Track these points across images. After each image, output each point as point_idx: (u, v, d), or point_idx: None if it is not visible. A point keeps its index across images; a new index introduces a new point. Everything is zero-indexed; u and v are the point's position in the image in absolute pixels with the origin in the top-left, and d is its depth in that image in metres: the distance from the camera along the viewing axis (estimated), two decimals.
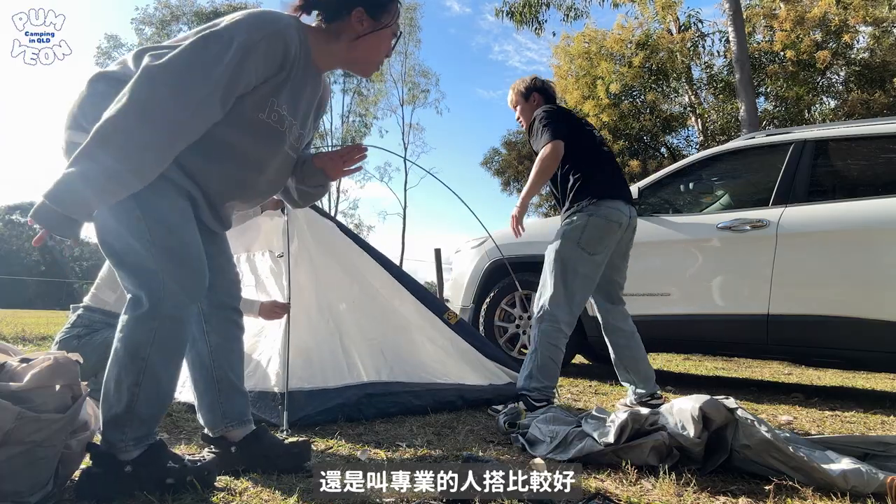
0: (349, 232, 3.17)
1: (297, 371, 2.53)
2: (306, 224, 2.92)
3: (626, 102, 14.55)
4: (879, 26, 12.22)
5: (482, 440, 2.27)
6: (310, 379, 2.56)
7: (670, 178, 4.23)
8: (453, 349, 3.22)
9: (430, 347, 3.16)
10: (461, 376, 3.08)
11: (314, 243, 2.92)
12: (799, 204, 3.59)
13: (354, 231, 3.37)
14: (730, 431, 1.84)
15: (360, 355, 2.81)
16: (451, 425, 2.51)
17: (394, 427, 2.45)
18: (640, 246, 4.04)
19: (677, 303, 3.84)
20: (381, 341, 2.95)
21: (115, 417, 1.48)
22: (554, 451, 1.99)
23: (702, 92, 14.59)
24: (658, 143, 16.06)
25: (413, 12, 27.25)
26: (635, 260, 4.08)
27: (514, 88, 3.23)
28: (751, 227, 3.63)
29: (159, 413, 1.55)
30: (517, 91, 3.21)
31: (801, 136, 3.83)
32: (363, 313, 3.00)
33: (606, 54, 14.32)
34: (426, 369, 3.01)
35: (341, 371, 2.69)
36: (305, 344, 2.65)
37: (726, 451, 1.84)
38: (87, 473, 1.48)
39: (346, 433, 2.28)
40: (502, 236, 4.75)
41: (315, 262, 2.90)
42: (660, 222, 4.01)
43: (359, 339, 2.87)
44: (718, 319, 3.72)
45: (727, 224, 3.72)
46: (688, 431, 1.84)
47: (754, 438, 1.78)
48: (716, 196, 4.35)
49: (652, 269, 3.97)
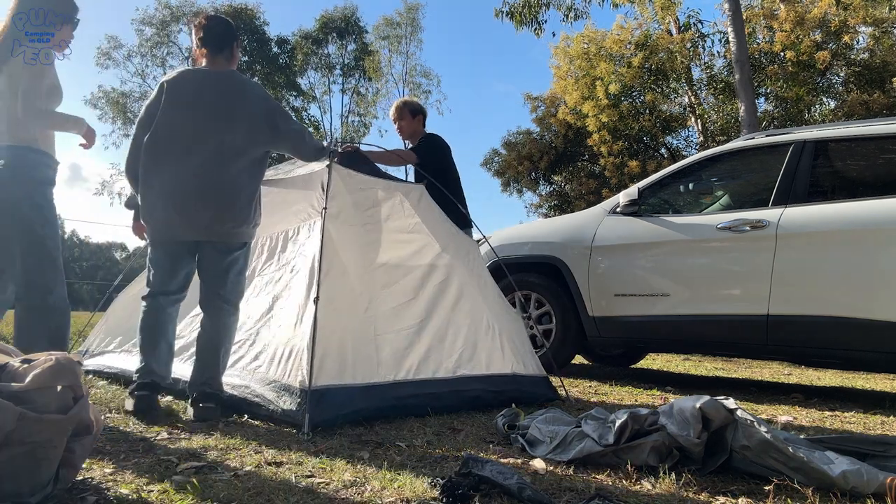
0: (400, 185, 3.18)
1: (325, 365, 2.42)
2: (346, 188, 2.85)
3: (626, 103, 14.54)
4: (879, 27, 12.21)
5: (482, 440, 2.28)
6: (337, 374, 2.45)
7: (670, 179, 4.24)
8: (490, 324, 3.14)
9: (468, 328, 3.04)
10: (489, 363, 3.02)
11: (353, 219, 2.86)
12: (799, 204, 3.60)
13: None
14: (729, 432, 1.84)
15: (393, 349, 2.71)
16: (451, 425, 2.52)
17: (394, 427, 2.45)
18: (640, 246, 4.06)
19: (677, 303, 3.84)
20: (418, 328, 2.85)
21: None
22: (554, 452, 1.99)
23: (701, 92, 14.58)
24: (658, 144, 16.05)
25: (415, 13, 27.24)
26: (635, 260, 4.10)
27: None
28: (750, 227, 3.64)
29: None
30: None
31: (800, 136, 3.83)
32: (406, 293, 2.91)
33: (606, 55, 14.31)
34: (455, 358, 2.92)
35: (371, 366, 2.59)
36: (336, 336, 2.53)
37: (726, 452, 1.84)
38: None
39: (346, 433, 2.28)
40: (502, 237, 4.76)
41: (356, 240, 2.84)
42: (659, 223, 4.01)
43: (395, 328, 2.77)
44: (718, 320, 3.72)
45: (727, 224, 3.72)
46: (687, 432, 1.84)
47: (754, 439, 1.79)
48: (715, 196, 4.35)
49: (651, 270, 3.97)
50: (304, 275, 2.80)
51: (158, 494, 1.54)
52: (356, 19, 29.08)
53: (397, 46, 27.54)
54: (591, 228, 4.24)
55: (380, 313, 2.78)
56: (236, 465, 1.83)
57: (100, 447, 1.96)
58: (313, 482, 1.67)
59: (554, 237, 4.45)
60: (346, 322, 2.62)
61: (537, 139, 17.46)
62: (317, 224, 2.88)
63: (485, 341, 3.07)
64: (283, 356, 2.58)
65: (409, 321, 2.86)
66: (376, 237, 2.98)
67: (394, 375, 2.65)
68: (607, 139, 14.53)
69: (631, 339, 4.19)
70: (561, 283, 4.31)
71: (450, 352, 2.91)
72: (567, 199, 17.40)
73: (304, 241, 3.04)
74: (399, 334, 2.79)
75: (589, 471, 1.86)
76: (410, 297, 2.94)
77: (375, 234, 2.99)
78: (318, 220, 2.86)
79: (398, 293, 2.91)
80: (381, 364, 2.64)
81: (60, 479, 1.47)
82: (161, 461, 1.84)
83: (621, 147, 14.89)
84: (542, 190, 18.43)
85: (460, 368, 2.90)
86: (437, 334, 2.91)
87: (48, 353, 1.52)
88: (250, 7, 27.63)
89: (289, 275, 2.98)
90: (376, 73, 27.36)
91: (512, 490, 1.54)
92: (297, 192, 3.12)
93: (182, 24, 27.26)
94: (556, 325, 4.30)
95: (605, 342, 4.33)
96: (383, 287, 2.87)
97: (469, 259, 3.33)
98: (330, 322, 2.52)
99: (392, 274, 2.95)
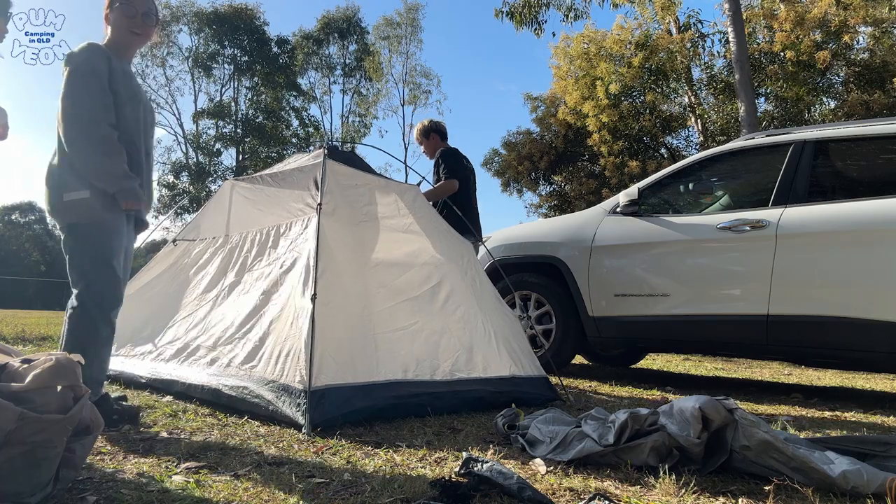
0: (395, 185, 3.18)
1: (324, 364, 2.40)
2: (340, 185, 2.83)
3: (626, 103, 14.54)
4: (879, 27, 12.21)
5: (482, 440, 2.28)
6: (337, 374, 2.43)
7: (670, 179, 4.24)
8: (486, 328, 3.14)
9: (462, 332, 3.03)
10: (485, 366, 3.01)
11: (349, 216, 2.84)
12: (799, 204, 3.59)
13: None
14: (729, 432, 1.84)
15: (391, 348, 2.70)
16: (451, 425, 2.52)
17: (394, 427, 2.45)
18: (640, 246, 4.06)
19: (677, 303, 3.84)
20: (413, 329, 2.85)
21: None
22: (554, 452, 1.99)
23: (702, 92, 14.58)
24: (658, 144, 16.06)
25: (415, 13, 27.25)
26: (634, 260, 4.10)
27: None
28: (750, 227, 3.63)
29: None
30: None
31: (800, 136, 3.83)
32: (399, 294, 2.90)
33: (606, 55, 14.31)
34: (451, 362, 2.91)
35: (369, 366, 2.58)
36: (334, 335, 2.52)
37: (726, 452, 1.84)
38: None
39: (346, 433, 2.28)
40: (502, 237, 4.76)
41: (351, 238, 2.83)
42: (659, 223, 4.01)
43: (391, 328, 2.76)
44: (718, 320, 3.72)
45: (727, 224, 3.72)
46: (687, 432, 1.84)
47: (754, 439, 1.79)
48: (715, 196, 4.35)
49: (651, 270, 3.97)
50: (297, 271, 2.78)
51: (158, 494, 1.54)
52: (357, 20, 29.12)
53: (397, 46, 27.58)
54: (591, 228, 4.24)
55: (376, 312, 2.77)
56: (236, 465, 1.83)
57: (100, 447, 1.96)
58: (313, 482, 1.67)
59: (554, 237, 4.45)
60: (344, 321, 2.61)
61: (537, 139, 17.47)
62: (311, 220, 2.87)
63: (481, 346, 3.07)
64: (279, 355, 2.56)
65: (403, 322, 2.85)
66: (372, 235, 2.98)
67: (392, 375, 2.64)
68: (607, 139, 14.53)
69: (631, 339, 4.19)
70: (561, 283, 4.31)
71: (445, 356, 2.90)
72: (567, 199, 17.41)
73: (296, 237, 3.01)
74: (395, 334, 2.78)
75: (589, 471, 1.86)
76: (405, 297, 2.93)
77: (371, 232, 2.98)
78: (312, 217, 2.85)
79: (394, 293, 2.90)
80: (380, 363, 2.63)
81: (60, 480, 1.47)
82: (161, 461, 1.84)
83: (621, 147, 14.90)
84: (542, 190, 18.45)
85: (457, 372, 2.89)
86: (431, 337, 2.90)
87: (48, 353, 1.52)
88: (250, 7, 27.65)
89: (279, 270, 2.96)
90: (377, 73, 27.38)
91: (512, 490, 1.54)
92: (290, 187, 3.11)
93: (182, 24, 27.27)
94: (556, 326, 4.30)
95: (605, 342, 4.33)
96: (379, 286, 2.86)
97: (464, 262, 3.33)
98: (328, 321, 2.51)
99: (387, 273, 2.94)
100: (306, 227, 2.95)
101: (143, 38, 2.47)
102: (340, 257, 2.75)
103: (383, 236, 3.02)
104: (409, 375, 2.70)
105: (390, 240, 3.04)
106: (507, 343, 3.21)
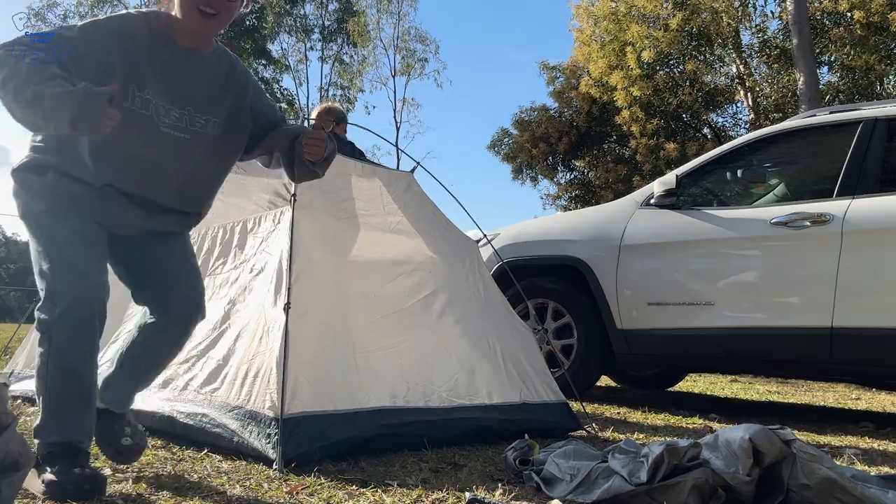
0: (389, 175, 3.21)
1: (299, 387, 2.38)
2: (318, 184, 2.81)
3: (662, 73, 14.57)
4: None
5: (489, 478, 2.28)
6: (314, 399, 2.41)
7: (714, 165, 4.24)
8: (491, 345, 3.15)
9: (462, 350, 3.03)
10: (490, 390, 3.00)
11: (327, 211, 2.84)
12: (869, 195, 3.60)
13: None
14: (786, 468, 1.84)
15: (375, 370, 2.69)
16: (452, 460, 2.52)
17: (383, 462, 2.45)
18: (679, 245, 4.07)
19: (722, 314, 3.84)
20: (402, 348, 2.84)
21: None
22: (575, 492, 1.99)
23: (752, 61, 14.62)
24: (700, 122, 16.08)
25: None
26: (672, 262, 4.10)
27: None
28: (811, 222, 3.64)
29: None
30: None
31: (871, 113, 3.84)
32: (385, 307, 2.89)
33: (638, 15, 14.33)
34: (451, 385, 2.91)
35: (351, 390, 2.56)
36: (311, 353, 2.50)
37: (782, 492, 1.84)
38: None
39: (326, 469, 2.28)
40: (513, 235, 4.76)
41: (331, 237, 2.83)
42: (702, 217, 4.02)
43: (375, 346, 2.76)
44: (771, 334, 3.72)
45: (782, 219, 3.72)
46: (735, 468, 1.84)
47: (815, 476, 1.79)
48: (769, 186, 4.36)
49: (692, 274, 3.98)
50: (268, 276, 2.77)
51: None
52: None
53: (387, 6, 27.60)
54: (619, 224, 4.24)
55: (357, 327, 2.77)
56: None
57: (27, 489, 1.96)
58: None
59: (575, 234, 4.46)
60: (323, 335, 2.60)
61: (555, 117, 17.50)
62: (283, 215, 2.87)
63: (484, 366, 3.07)
64: (245, 376, 2.55)
65: (391, 338, 2.85)
66: (352, 234, 2.98)
67: (379, 401, 2.64)
68: (639, 117, 14.54)
69: (667, 356, 4.19)
70: (584, 289, 4.31)
71: (441, 379, 2.90)
72: (591, 188, 17.45)
73: (266, 236, 3.00)
74: (381, 353, 2.78)
75: None
76: (392, 309, 2.94)
77: (351, 230, 2.99)
78: (285, 211, 2.85)
79: (379, 304, 2.91)
80: (364, 388, 2.62)
81: None
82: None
83: (656, 126, 14.91)
84: (561, 178, 18.50)
85: (456, 398, 2.89)
86: (423, 357, 2.91)
87: None
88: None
89: (247, 275, 2.95)
90: (362, 37, 27.39)
91: None
92: (257, 174, 3.09)
93: None
94: (578, 341, 4.30)
95: (637, 360, 4.34)
96: (360, 296, 2.87)
97: (466, 265, 3.33)
98: (304, 335, 2.49)
99: (370, 280, 2.94)
100: (278, 223, 2.94)
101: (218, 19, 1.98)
102: (318, 259, 2.75)
103: (366, 236, 3.02)
104: (399, 402, 2.70)
105: (374, 241, 3.04)
106: (518, 362, 3.21)
